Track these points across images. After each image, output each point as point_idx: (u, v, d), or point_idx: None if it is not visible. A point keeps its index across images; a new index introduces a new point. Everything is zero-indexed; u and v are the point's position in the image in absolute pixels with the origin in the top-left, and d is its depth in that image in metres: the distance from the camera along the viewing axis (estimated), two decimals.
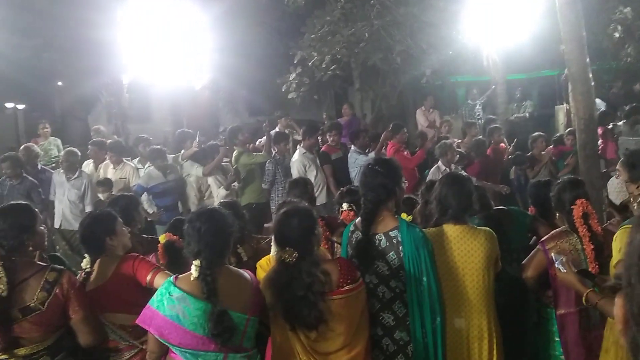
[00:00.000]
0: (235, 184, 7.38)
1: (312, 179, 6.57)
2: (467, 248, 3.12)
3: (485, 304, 3.12)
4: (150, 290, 2.87)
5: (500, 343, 3.17)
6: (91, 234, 3.14)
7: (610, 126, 8.78)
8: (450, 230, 3.16)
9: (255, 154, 7.86)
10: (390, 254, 2.99)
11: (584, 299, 2.75)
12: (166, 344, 2.59)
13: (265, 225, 7.91)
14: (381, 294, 2.99)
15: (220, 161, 7.49)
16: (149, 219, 6.59)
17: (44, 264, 2.82)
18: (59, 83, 15.03)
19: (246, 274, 2.81)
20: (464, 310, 3.11)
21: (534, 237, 3.85)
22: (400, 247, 2.97)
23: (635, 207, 3.15)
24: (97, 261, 3.08)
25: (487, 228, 3.23)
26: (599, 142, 7.34)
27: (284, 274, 2.71)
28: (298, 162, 7.35)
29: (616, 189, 5.36)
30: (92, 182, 7.17)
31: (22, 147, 7.98)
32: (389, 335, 2.98)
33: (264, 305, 2.77)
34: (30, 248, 2.90)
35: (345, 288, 2.73)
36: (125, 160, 7.71)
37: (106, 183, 7.00)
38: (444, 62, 10.97)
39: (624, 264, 0.57)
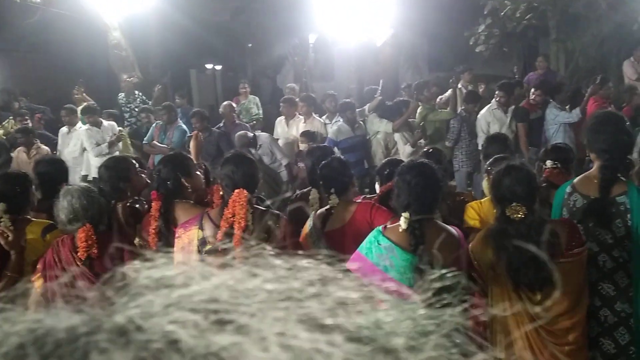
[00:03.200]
0: (422, 141, 7.30)
1: None
2: None
3: None
4: None
5: None
6: (340, 176, 3.30)
7: None
8: None
9: (440, 110, 7.68)
10: (617, 221, 2.72)
11: None
12: None
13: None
14: (602, 263, 2.76)
15: (409, 116, 7.44)
16: None
17: (264, 208, 3.04)
18: (250, 45, 16.04)
19: (454, 230, 2.76)
20: None
21: None
22: (628, 215, 2.69)
23: None
24: (337, 204, 3.24)
25: None
26: None
27: (509, 232, 2.59)
28: (482, 117, 7.09)
29: None
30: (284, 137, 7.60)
31: (222, 105, 8.72)
32: (609, 306, 2.76)
33: (470, 262, 2.70)
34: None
35: (574, 252, 2.56)
36: (314, 115, 8.03)
37: (308, 135, 7.28)
38: None
39: None
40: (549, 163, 3.80)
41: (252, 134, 7.39)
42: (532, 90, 7.45)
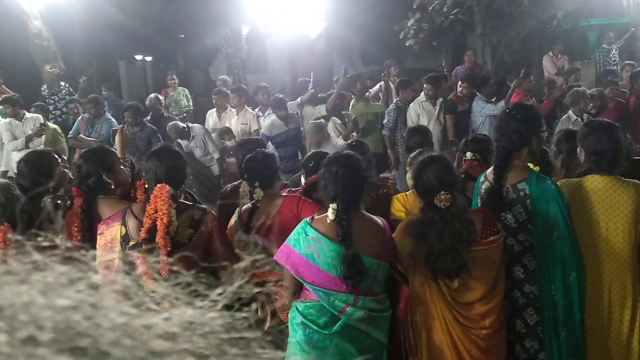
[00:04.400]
0: (354, 133, 7.39)
1: None
2: (612, 201, 2.89)
3: (631, 264, 2.90)
4: None
5: None
6: (265, 168, 3.27)
7: None
8: (595, 181, 2.93)
9: (372, 103, 7.80)
10: (517, 206, 2.88)
11: None
12: (301, 280, 2.70)
13: (381, 175, 7.93)
14: (510, 246, 2.92)
15: (340, 97, 7.49)
16: None
17: (190, 203, 3.00)
18: (182, 36, 15.70)
19: (379, 220, 2.82)
20: (606, 269, 2.92)
21: None
22: (528, 200, 2.85)
23: None
24: (262, 197, 3.21)
25: (638, 181, 2.97)
26: None
27: (436, 220, 2.68)
28: (412, 109, 7.27)
29: None
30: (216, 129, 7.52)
31: (148, 97, 8.50)
32: (519, 288, 2.91)
33: (396, 253, 2.78)
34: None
35: (489, 239, 2.68)
36: (246, 107, 7.98)
37: (228, 131, 7.26)
38: (577, 3, 10.10)
39: None
40: (468, 155, 3.92)
41: (185, 125, 7.27)
42: (459, 83, 7.68)
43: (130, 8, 12.37)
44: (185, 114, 9.39)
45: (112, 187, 3.17)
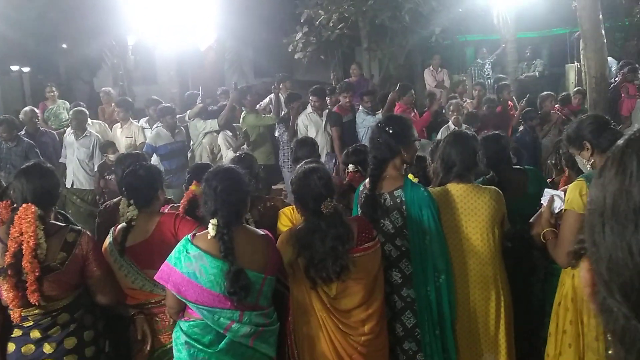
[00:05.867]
0: (245, 146, 7.38)
1: None
2: (471, 207, 3.13)
3: (491, 260, 3.13)
4: None
5: (508, 294, 3.19)
6: (145, 185, 3.11)
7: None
8: (455, 189, 3.17)
9: (263, 115, 7.82)
10: (394, 212, 3.03)
11: (541, 234, 2.84)
12: (183, 300, 2.64)
13: (273, 186, 7.96)
14: (388, 252, 3.05)
15: (232, 110, 7.44)
16: None
17: (63, 224, 2.85)
18: (64, 45, 14.88)
19: (264, 233, 2.83)
20: (469, 266, 3.14)
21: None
22: (404, 207, 3.01)
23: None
24: (136, 216, 3.06)
25: (494, 187, 3.24)
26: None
27: (321, 227, 2.73)
28: (300, 121, 7.40)
29: None
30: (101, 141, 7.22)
31: (22, 110, 7.99)
32: (397, 292, 3.05)
33: (282, 265, 2.81)
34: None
35: (364, 246, 2.78)
36: (131, 120, 7.73)
37: (110, 145, 6.97)
38: (453, 21, 10.81)
39: (586, 224, 0.56)
40: (350, 167, 4.06)
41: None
42: (342, 94, 7.91)
43: (4, 15, 11.55)
44: (65, 128, 8.88)
45: None
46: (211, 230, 2.63)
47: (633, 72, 8.29)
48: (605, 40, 6.40)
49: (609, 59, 8.74)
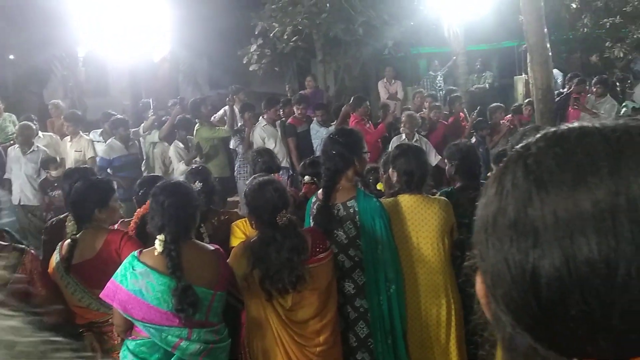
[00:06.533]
0: (197, 158, 7.29)
1: None
2: (421, 217, 3.19)
3: (440, 268, 3.18)
4: None
5: (458, 302, 3.23)
6: (81, 202, 3.03)
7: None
8: (405, 200, 3.22)
9: (217, 127, 7.77)
10: (347, 223, 3.04)
11: None
12: (129, 318, 2.58)
13: (229, 199, 7.89)
14: (341, 263, 3.06)
15: (173, 121, 7.38)
16: None
17: (5, 244, 2.75)
18: (11, 56, 14.42)
19: (213, 248, 2.80)
20: (419, 275, 3.19)
21: None
22: (357, 217, 3.03)
23: None
24: (81, 232, 2.99)
25: (443, 198, 3.30)
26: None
27: (277, 238, 2.72)
28: (256, 134, 7.37)
29: None
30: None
31: None
32: (350, 303, 3.06)
33: (234, 279, 2.78)
34: None
35: (319, 256, 2.78)
36: (81, 133, 7.55)
37: (53, 161, 6.77)
38: (405, 34, 11.01)
39: (474, 240, 0.60)
40: (306, 178, 4.07)
41: None
42: (296, 106, 7.96)
43: None
44: (12, 142, 8.60)
45: None
46: (158, 246, 2.59)
47: (581, 84, 8.62)
48: (550, 53, 6.64)
49: (555, 71, 9.06)
